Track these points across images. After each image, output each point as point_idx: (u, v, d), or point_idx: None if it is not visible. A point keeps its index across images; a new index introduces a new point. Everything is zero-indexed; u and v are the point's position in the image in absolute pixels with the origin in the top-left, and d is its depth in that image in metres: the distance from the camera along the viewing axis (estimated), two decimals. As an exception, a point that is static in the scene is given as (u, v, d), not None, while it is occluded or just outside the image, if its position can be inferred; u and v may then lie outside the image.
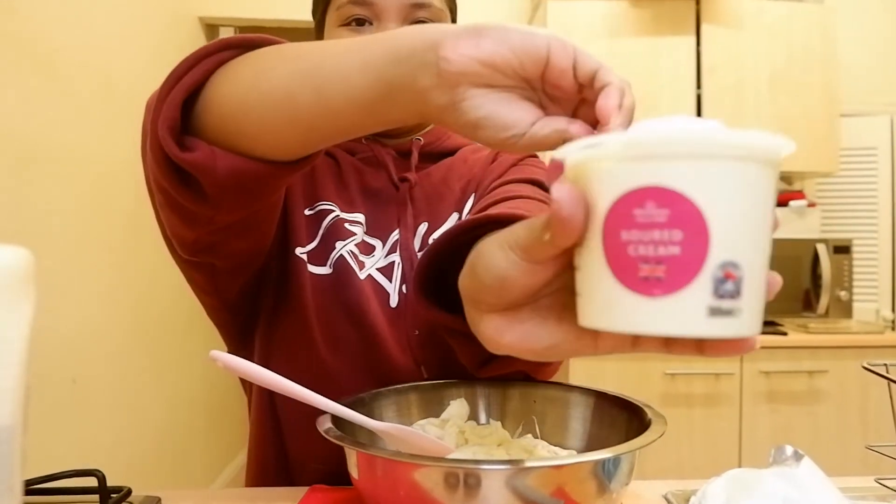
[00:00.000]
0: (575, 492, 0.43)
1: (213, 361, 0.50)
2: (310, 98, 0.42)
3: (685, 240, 0.27)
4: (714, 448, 2.08)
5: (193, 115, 0.48)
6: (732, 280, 0.27)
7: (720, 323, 0.27)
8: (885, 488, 0.56)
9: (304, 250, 0.68)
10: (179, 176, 0.48)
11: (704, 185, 0.27)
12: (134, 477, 1.91)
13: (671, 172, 0.27)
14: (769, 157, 0.28)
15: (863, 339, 2.14)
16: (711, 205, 0.27)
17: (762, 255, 0.28)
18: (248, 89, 0.45)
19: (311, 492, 0.58)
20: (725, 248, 0.27)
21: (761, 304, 0.29)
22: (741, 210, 0.27)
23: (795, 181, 2.60)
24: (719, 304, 0.27)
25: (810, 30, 2.35)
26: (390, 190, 0.73)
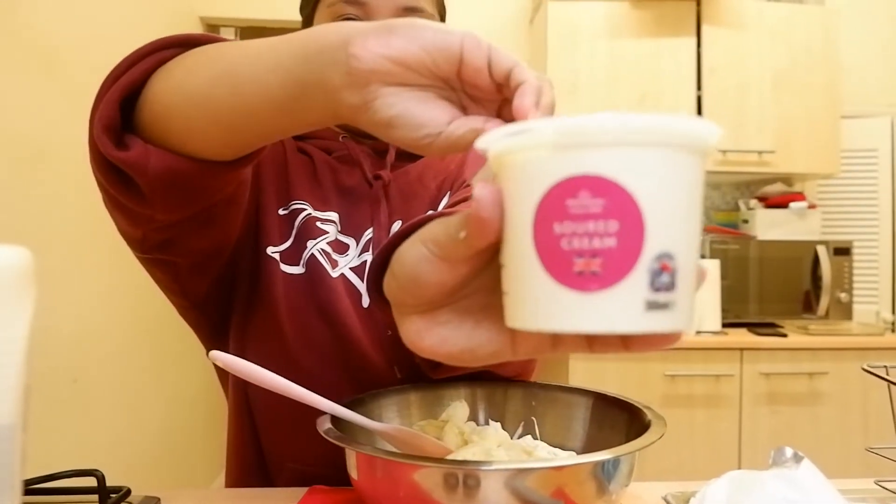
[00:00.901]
0: (574, 493, 0.43)
1: (212, 360, 0.51)
2: (228, 99, 0.42)
3: (621, 231, 0.26)
4: (714, 450, 2.07)
5: (135, 113, 0.49)
6: (668, 272, 0.26)
7: (657, 317, 0.26)
8: (885, 490, 0.56)
9: (277, 250, 0.67)
10: (118, 175, 0.49)
11: (640, 174, 0.26)
12: (133, 477, 1.90)
13: (607, 160, 0.26)
14: (702, 144, 0.28)
15: (863, 341, 2.14)
16: (647, 194, 0.26)
17: (694, 246, 0.28)
18: (175, 90, 0.45)
19: (311, 492, 0.58)
20: (661, 239, 0.26)
21: (693, 296, 0.28)
22: (676, 199, 0.27)
23: (796, 183, 2.60)
24: (656, 297, 0.26)
25: (812, 31, 2.35)
26: (364, 188, 0.72)
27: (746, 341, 2.11)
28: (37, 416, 1.51)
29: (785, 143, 2.32)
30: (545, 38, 2.33)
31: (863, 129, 2.54)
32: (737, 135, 2.32)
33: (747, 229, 2.50)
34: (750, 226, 2.49)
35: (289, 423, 0.66)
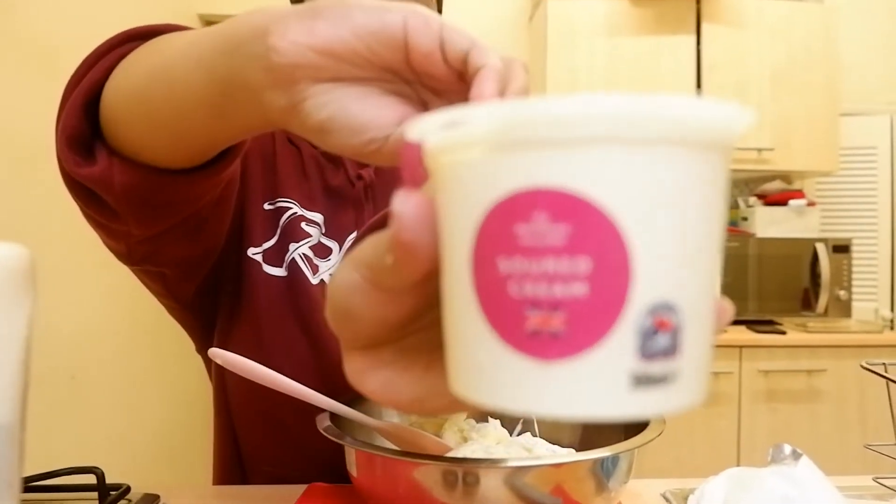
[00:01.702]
0: (574, 490, 0.43)
1: (213, 359, 0.51)
2: (162, 99, 0.38)
3: (595, 272, 0.17)
4: (713, 447, 2.08)
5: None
6: (668, 331, 0.17)
7: (649, 396, 0.17)
8: (883, 487, 0.56)
9: (259, 250, 0.65)
10: (87, 190, 0.45)
11: (625, 186, 0.17)
12: (133, 474, 1.91)
13: (574, 167, 0.17)
14: (723, 137, 0.18)
15: (862, 339, 2.14)
16: (636, 216, 0.17)
17: (709, 289, 0.19)
18: (117, 90, 0.41)
19: (310, 489, 0.58)
20: (657, 283, 0.17)
21: (708, 358, 0.19)
22: (681, 222, 0.17)
23: (795, 180, 2.60)
24: (648, 368, 0.17)
25: (811, 29, 2.35)
26: (349, 189, 0.70)
27: (745, 339, 2.11)
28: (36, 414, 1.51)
29: (784, 140, 2.32)
30: (545, 36, 2.32)
31: (862, 127, 2.54)
32: (736, 132, 2.32)
33: (746, 227, 2.51)
34: (749, 223, 2.49)
35: (264, 427, 0.65)
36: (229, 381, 0.66)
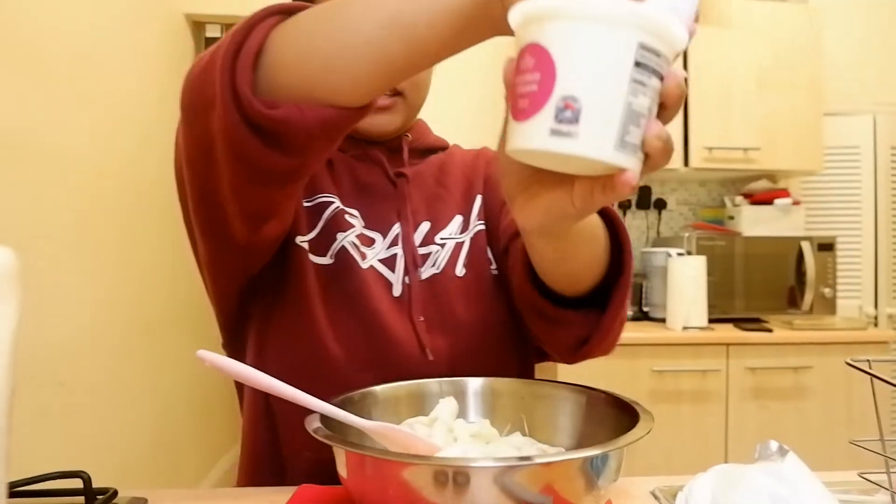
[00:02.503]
0: (563, 489, 0.43)
1: (200, 361, 0.50)
2: (403, 47, 0.45)
3: (540, 80, 0.35)
4: (701, 444, 2.09)
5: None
6: (571, 110, 0.34)
7: (559, 141, 0.34)
8: (868, 482, 0.57)
9: (305, 239, 0.69)
10: (259, 137, 0.49)
11: (556, 40, 0.35)
12: (120, 478, 1.89)
13: (539, 32, 0.35)
14: (613, 17, 0.34)
15: (846, 336, 2.16)
16: (560, 54, 0.35)
17: (612, 94, 0.34)
18: (331, 50, 0.47)
19: (301, 491, 0.58)
20: (567, 86, 0.34)
21: (608, 134, 0.35)
22: (583, 56, 0.34)
23: (780, 179, 2.63)
24: (559, 127, 0.34)
25: (795, 30, 2.38)
26: (385, 185, 0.75)
27: (732, 336, 2.13)
28: (22, 418, 1.49)
29: (769, 140, 2.34)
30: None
31: (845, 127, 2.57)
32: (722, 132, 2.34)
33: (733, 226, 2.53)
34: (735, 222, 2.51)
35: (307, 410, 0.67)
36: (271, 368, 0.67)
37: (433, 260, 0.73)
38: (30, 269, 1.48)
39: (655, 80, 0.36)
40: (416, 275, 0.71)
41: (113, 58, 1.86)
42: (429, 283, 0.71)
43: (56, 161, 1.58)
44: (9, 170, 1.39)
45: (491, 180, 0.80)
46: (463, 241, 0.75)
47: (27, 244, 1.45)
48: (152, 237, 2.13)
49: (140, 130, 2.05)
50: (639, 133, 0.36)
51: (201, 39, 2.59)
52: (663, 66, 0.36)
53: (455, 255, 0.74)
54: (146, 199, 2.09)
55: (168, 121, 2.33)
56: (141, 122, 2.06)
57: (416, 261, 0.72)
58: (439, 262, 0.73)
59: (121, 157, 1.91)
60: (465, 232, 0.76)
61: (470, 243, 0.75)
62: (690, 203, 2.76)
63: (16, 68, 1.42)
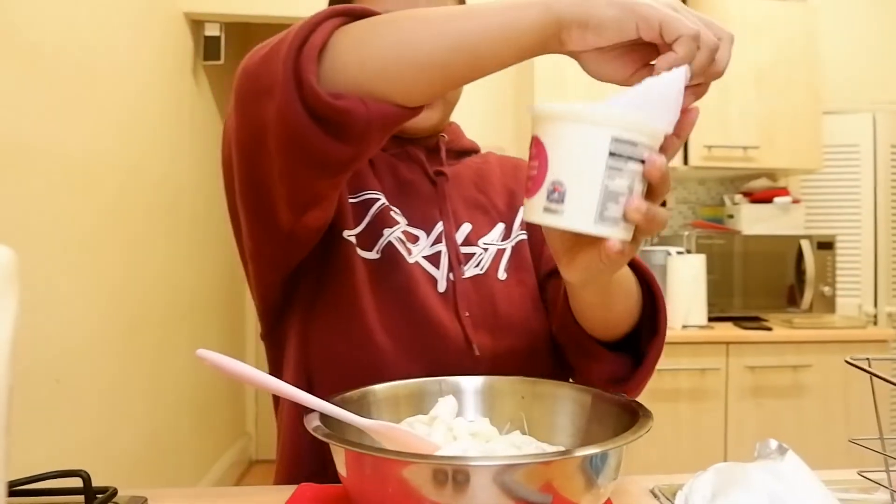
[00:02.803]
0: (563, 487, 0.43)
1: (200, 360, 0.50)
2: (464, 65, 0.51)
3: (538, 166, 0.45)
4: (700, 442, 2.10)
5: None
6: (557, 192, 0.44)
7: (550, 217, 0.44)
8: (867, 481, 0.57)
9: (352, 233, 0.70)
10: (319, 125, 0.51)
11: (549, 136, 0.45)
12: (120, 477, 1.89)
13: (539, 129, 0.45)
14: (588, 119, 0.43)
15: (846, 334, 2.16)
16: (551, 147, 0.44)
17: (590, 179, 0.43)
18: (396, 60, 0.51)
19: (301, 489, 0.58)
20: (555, 172, 0.44)
21: (588, 210, 0.43)
22: (566, 149, 0.44)
23: (780, 178, 2.63)
24: (549, 205, 0.44)
25: (794, 28, 2.38)
26: (425, 183, 0.77)
27: (732, 335, 2.13)
28: (20, 417, 1.50)
29: (769, 138, 2.34)
30: (531, 34, 2.33)
31: (845, 125, 2.57)
32: (722, 130, 2.33)
33: (732, 224, 2.53)
34: (735, 221, 2.51)
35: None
36: (315, 360, 0.69)
37: (477, 261, 0.75)
38: (31, 268, 1.48)
39: (633, 164, 0.43)
40: (461, 271, 0.73)
41: (113, 56, 1.86)
42: (472, 282, 0.73)
43: (50, 160, 1.57)
44: (11, 170, 1.39)
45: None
46: (505, 248, 0.77)
47: (28, 244, 1.45)
48: (154, 237, 2.12)
49: (141, 129, 2.05)
50: (618, 208, 0.44)
51: (200, 38, 2.59)
52: (641, 153, 0.43)
53: (497, 259, 0.75)
54: (148, 197, 2.08)
55: (169, 119, 2.33)
56: (142, 121, 2.05)
57: (460, 258, 0.73)
58: (483, 263, 0.75)
59: (123, 157, 1.91)
60: (508, 240, 0.78)
61: (512, 251, 0.77)
62: (690, 201, 2.76)
63: (15, 69, 1.42)
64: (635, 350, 0.67)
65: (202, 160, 2.64)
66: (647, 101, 0.45)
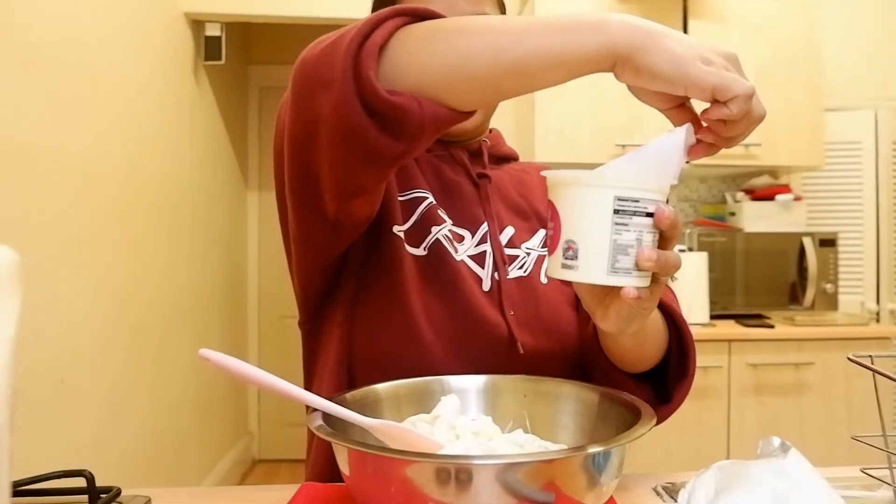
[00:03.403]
0: (566, 486, 0.43)
1: (203, 360, 0.50)
2: (516, 84, 0.53)
3: (554, 227, 0.50)
4: (703, 440, 2.10)
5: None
6: (571, 250, 0.48)
7: (567, 272, 0.49)
8: (870, 478, 0.57)
9: (402, 229, 0.71)
10: (374, 120, 0.53)
11: (560, 199, 0.49)
12: (123, 477, 1.90)
13: (552, 194, 0.50)
14: (590, 183, 0.48)
15: (848, 331, 2.16)
16: (563, 210, 0.49)
17: (598, 236, 0.47)
18: (453, 70, 0.52)
19: (304, 488, 0.58)
20: (567, 232, 0.49)
21: (600, 264, 0.48)
22: (574, 211, 0.48)
23: (782, 175, 2.62)
24: (565, 262, 0.49)
25: (795, 25, 2.37)
26: (469, 185, 0.78)
27: (734, 333, 2.13)
28: (24, 417, 1.50)
29: (770, 136, 2.34)
30: (532, 32, 2.33)
31: (846, 122, 2.56)
32: (723, 128, 2.33)
33: (734, 222, 2.52)
34: (737, 218, 2.51)
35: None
36: (359, 351, 0.69)
37: (520, 263, 0.75)
38: (32, 268, 1.48)
39: (639, 219, 0.47)
40: (505, 271, 0.74)
41: (113, 56, 1.86)
42: (516, 283, 0.74)
43: (58, 161, 1.58)
44: (14, 171, 1.39)
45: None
46: (545, 254, 0.78)
47: (29, 244, 1.45)
48: (155, 237, 2.13)
49: (142, 129, 2.05)
50: (629, 259, 0.48)
51: (201, 38, 2.59)
52: (646, 206, 0.47)
53: (539, 264, 0.76)
54: (149, 197, 2.09)
55: (169, 119, 2.33)
56: (143, 120, 2.06)
57: (504, 259, 0.74)
58: (526, 266, 0.75)
59: (123, 157, 1.91)
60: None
61: None
62: (691, 199, 2.76)
63: (16, 69, 1.42)
64: (659, 380, 0.70)
65: (203, 160, 2.64)
66: (651, 158, 0.50)
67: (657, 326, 0.66)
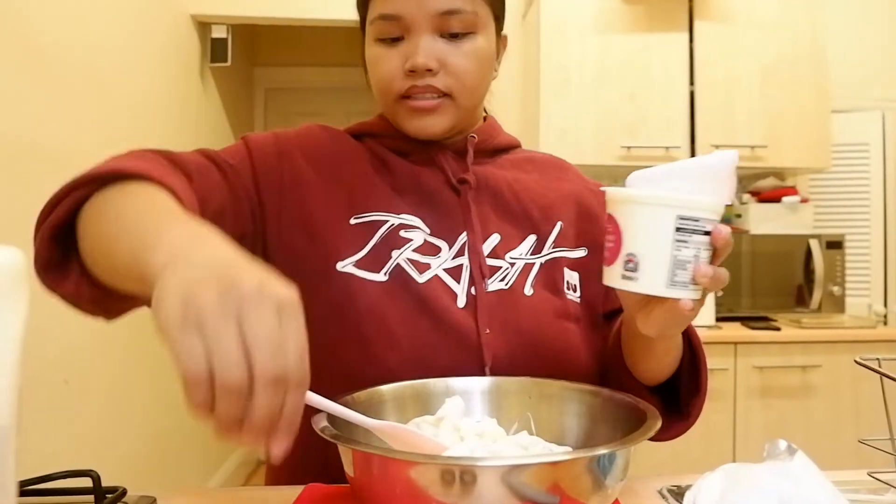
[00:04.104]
0: (570, 488, 0.43)
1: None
2: (109, 271, 0.51)
3: (614, 240, 0.53)
4: (709, 443, 2.09)
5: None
6: (632, 263, 0.52)
7: (627, 283, 0.52)
8: (877, 481, 0.57)
9: (348, 261, 0.68)
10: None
11: (622, 215, 0.53)
12: (127, 477, 1.90)
13: (613, 208, 0.54)
14: (656, 202, 0.51)
15: (855, 334, 2.15)
16: (624, 224, 0.52)
17: (660, 251, 0.51)
18: (87, 236, 0.54)
19: (308, 489, 0.58)
20: (628, 246, 0.52)
21: (660, 277, 0.51)
22: (639, 226, 0.52)
23: (788, 177, 2.61)
24: (626, 273, 0.52)
25: (801, 26, 2.36)
26: (449, 192, 0.74)
27: (740, 335, 2.12)
28: (30, 418, 1.51)
29: (776, 137, 2.33)
30: (537, 33, 2.33)
31: (854, 124, 2.55)
32: (728, 129, 2.32)
33: (740, 224, 2.51)
34: (743, 220, 2.50)
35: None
36: (323, 373, 0.68)
37: (502, 275, 0.71)
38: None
39: (698, 237, 0.51)
40: (484, 285, 0.70)
41: (120, 58, 1.87)
42: (496, 297, 0.70)
43: (59, 162, 1.58)
44: (20, 171, 1.40)
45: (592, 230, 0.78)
46: (534, 263, 0.74)
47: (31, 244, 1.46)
48: (159, 237, 2.13)
49: (149, 130, 2.06)
50: (686, 274, 0.51)
51: (207, 40, 2.60)
52: (705, 225, 0.51)
53: (524, 274, 0.72)
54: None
55: (176, 120, 2.34)
56: (149, 122, 2.07)
57: (484, 272, 0.70)
58: (508, 278, 0.71)
59: (128, 158, 1.92)
60: (538, 255, 0.74)
61: (541, 267, 0.73)
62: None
63: (24, 71, 1.43)
64: (667, 394, 0.72)
65: (209, 161, 2.64)
66: (705, 177, 0.53)
67: (678, 340, 0.67)
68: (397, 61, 0.69)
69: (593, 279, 0.74)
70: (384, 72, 0.70)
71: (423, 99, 0.69)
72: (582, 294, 0.75)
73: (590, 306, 0.75)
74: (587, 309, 0.75)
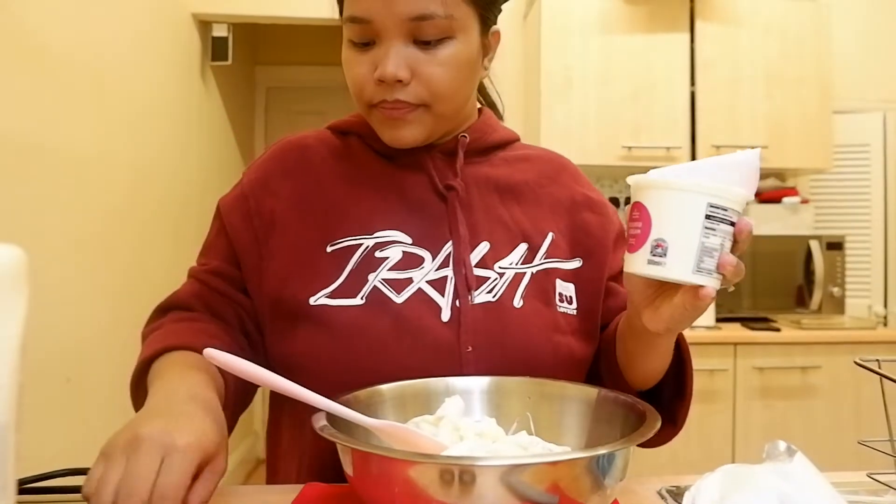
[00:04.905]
0: (570, 488, 0.43)
1: (208, 359, 0.50)
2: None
3: (642, 226, 0.54)
4: (708, 444, 2.09)
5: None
6: (661, 248, 0.52)
7: (653, 268, 0.53)
8: (877, 483, 0.57)
9: (321, 294, 0.66)
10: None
11: (652, 201, 0.53)
12: (128, 475, 1.90)
13: (642, 195, 0.54)
14: (689, 188, 0.52)
15: (855, 335, 2.15)
16: (654, 210, 0.53)
17: (689, 237, 0.52)
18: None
19: (307, 489, 0.58)
20: (657, 231, 0.53)
21: (687, 263, 0.52)
22: (668, 212, 0.52)
23: (789, 178, 2.61)
24: (652, 258, 0.53)
25: (803, 27, 2.36)
26: (435, 198, 0.71)
27: (740, 336, 2.12)
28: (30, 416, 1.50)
29: (778, 138, 2.33)
30: (539, 33, 2.32)
31: (855, 125, 2.55)
32: (730, 129, 2.32)
33: (741, 224, 2.51)
34: (743, 221, 2.50)
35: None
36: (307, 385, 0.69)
37: (489, 286, 0.68)
38: (41, 268, 1.49)
39: (725, 226, 0.52)
40: (469, 298, 0.67)
41: (121, 57, 1.87)
42: (482, 310, 0.67)
43: (60, 161, 1.59)
44: (22, 170, 1.40)
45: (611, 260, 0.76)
46: (524, 272, 0.70)
47: (38, 243, 1.46)
48: (163, 236, 2.14)
49: (150, 129, 2.06)
50: (712, 262, 0.52)
51: (208, 39, 2.60)
52: (731, 216, 0.52)
53: (514, 285, 0.69)
54: (157, 197, 2.10)
55: (177, 119, 2.34)
56: (151, 121, 2.07)
57: (470, 283, 0.67)
58: (496, 290, 0.68)
59: (132, 157, 1.92)
60: (529, 264, 0.71)
61: (531, 278, 0.70)
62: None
63: (20, 70, 1.43)
64: (656, 399, 0.72)
65: (211, 159, 2.65)
66: (734, 173, 0.55)
67: (672, 342, 0.66)
68: (368, 67, 0.65)
69: (590, 290, 0.73)
70: (355, 76, 0.66)
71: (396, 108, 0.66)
72: (579, 306, 0.72)
73: (587, 318, 0.73)
74: (584, 321, 0.72)
